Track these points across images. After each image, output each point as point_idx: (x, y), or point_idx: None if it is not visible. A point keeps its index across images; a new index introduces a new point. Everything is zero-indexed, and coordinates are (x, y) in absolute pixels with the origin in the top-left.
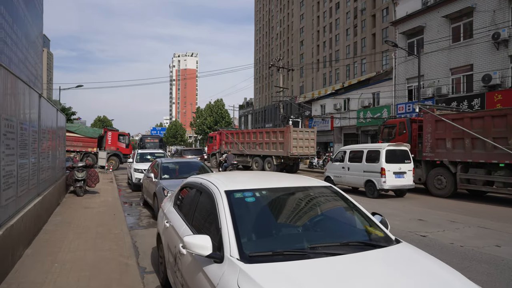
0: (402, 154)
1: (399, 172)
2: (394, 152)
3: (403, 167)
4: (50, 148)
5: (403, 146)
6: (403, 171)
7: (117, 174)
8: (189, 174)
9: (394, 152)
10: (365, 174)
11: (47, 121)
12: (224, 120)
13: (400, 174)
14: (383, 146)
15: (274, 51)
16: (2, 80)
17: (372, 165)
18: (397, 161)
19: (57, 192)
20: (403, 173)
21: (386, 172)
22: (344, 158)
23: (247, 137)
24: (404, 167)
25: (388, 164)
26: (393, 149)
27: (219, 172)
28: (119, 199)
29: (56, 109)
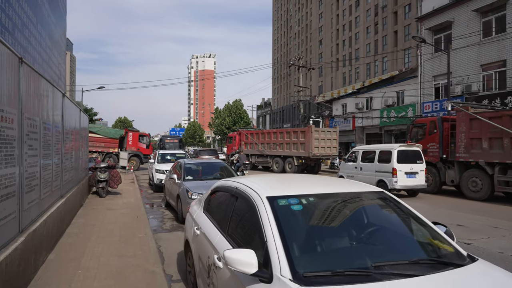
0: (414, 155)
1: (411, 172)
2: (406, 152)
3: (415, 167)
4: (74, 149)
5: (415, 147)
6: (415, 171)
7: (138, 175)
8: (213, 176)
9: (406, 153)
10: (377, 174)
11: (71, 121)
12: (243, 121)
13: (412, 174)
14: (395, 147)
15: (292, 50)
16: (25, 78)
17: (384, 165)
18: (409, 162)
19: (80, 193)
20: (415, 173)
21: (398, 172)
22: (357, 158)
23: (267, 138)
24: (416, 167)
25: (400, 164)
26: (405, 149)
27: (252, 175)
28: (141, 200)
29: (79, 109)
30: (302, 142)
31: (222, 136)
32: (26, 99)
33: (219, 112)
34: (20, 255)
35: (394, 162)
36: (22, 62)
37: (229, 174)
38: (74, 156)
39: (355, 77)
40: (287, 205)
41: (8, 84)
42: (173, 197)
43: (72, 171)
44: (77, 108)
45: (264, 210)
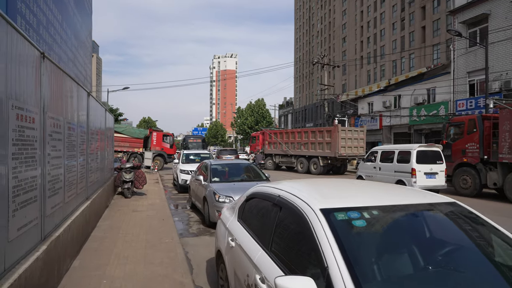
0: (434, 155)
1: (430, 172)
2: (426, 153)
3: (435, 167)
4: (99, 149)
5: (435, 147)
6: (435, 171)
7: (162, 174)
8: (240, 177)
9: (425, 153)
10: (396, 174)
11: (96, 121)
12: (265, 120)
13: (432, 174)
14: (414, 147)
15: (315, 49)
16: (48, 75)
17: (403, 166)
18: (428, 162)
19: (106, 194)
20: (434, 173)
21: (417, 173)
22: (376, 158)
23: (291, 137)
24: (435, 167)
25: (419, 164)
26: (424, 150)
27: (292, 180)
28: (166, 201)
29: (105, 109)
30: (328, 141)
31: (244, 136)
32: (48, 98)
33: (241, 112)
34: (41, 265)
35: (413, 163)
36: (44, 58)
37: (257, 175)
38: (100, 157)
39: (380, 74)
40: (347, 220)
41: (29, 81)
42: (199, 199)
43: (97, 172)
44: (102, 107)
45: (319, 226)
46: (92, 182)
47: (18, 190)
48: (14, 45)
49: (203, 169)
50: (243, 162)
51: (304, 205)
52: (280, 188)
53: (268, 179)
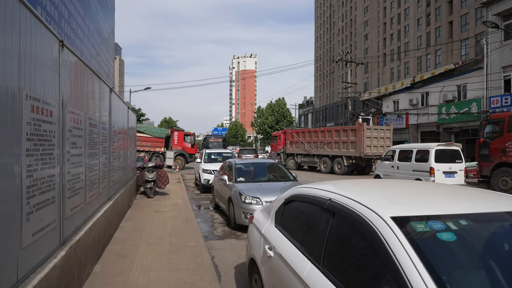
0: (453, 154)
1: (449, 171)
2: (444, 152)
3: (454, 166)
4: (122, 148)
5: (454, 146)
6: (454, 170)
7: (184, 174)
8: (266, 177)
9: (444, 152)
10: (414, 173)
11: (118, 118)
12: (286, 119)
13: (451, 173)
14: (432, 146)
15: (335, 47)
16: (69, 66)
17: (421, 165)
18: (447, 161)
19: (128, 194)
20: (453, 172)
21: (435, 172)
22: (394, 157)
23: (313, 136)
24: (454, 166)
25: (438, 163)
26: (443, 149)
27: (340, 181)
28: (189, 201)
29: (127, 106)
30: (352, 141)
31: (264, 136)
32: (68, 91)
33: (262, 111)
34: (59, 273)
35: (432, 161)
36: (63, 46)
37: (283, 175)
38: (122, 155)
39: (405, 72)
40: (430, 232)
41: (46, 71)
42: (224, 200)
43: (120, 171)
44: (125, 105)
45: (394, 239)
46: (114, 181)
47: (33, 190)
48: (29, 29)
49: (227, 168)
50: (268, 161)
51: (367, 211)
52: (331, 190)
53: (295, 179)
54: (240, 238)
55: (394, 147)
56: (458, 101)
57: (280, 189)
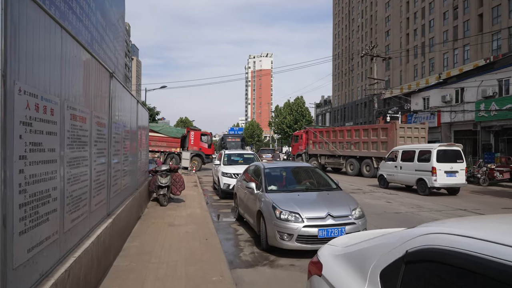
0: (455, 154)
1: (450, 171)
2: (446, 152)
3: (455, 166)
4: (129, 149)
5: (455, 146)
6: (455, 170)
7: (201, 176)
8: (303, 184)
9: (446, 152)
10: (416, 173)
11: (124, 113)
12: (305, 119)
13: (452, 173)
14: (434, 147)
15: (355, 44)
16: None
17: (424, 165)
18: (449, 161)
19: (138, 203)
20: (455, 172)
21: (437, 171)
22: (397, 157)
23: (339, 136)
24: (456, 166)
25: (440, 163)
26: (445, 149)
27: None
28: (208, 210)
29: (136, 100)
30: (383, 140)
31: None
32: (25, 57)
33: (279, 110)
34: None
35: (434, 161)
36: None
37: (324, 182)
38: (130, 158)
39: (429, 69)
40: None
41: None
42: (251, 213)
43: (126, 177)
44: (133, 98)
45: None
46: (117, 191)
47: None
48: None
49: (253, 174)
50: (303, 164)
51: None
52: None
53: (338, 187)
54: (276, 266)
55: (398, 147)
56: (500, 97)
57: (325, 201)
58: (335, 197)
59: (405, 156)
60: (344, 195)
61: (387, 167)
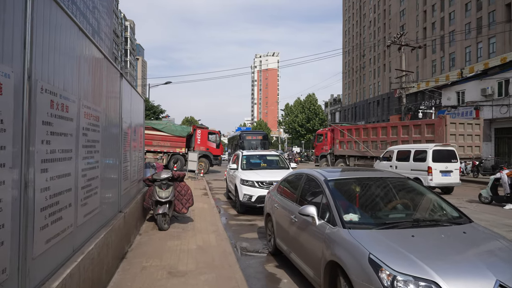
0: (449, 154)
1: (445, 171)
2: (441, 152)
3: (450, 166)
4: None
5: (449, 147)
6: (450, 169)
7: (210, 180)
8: (404, 212)
9: (441, 152)
10: (412, 172)
11: (98, 94)
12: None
13: (447, 172)
14: (430, 147)
15: (366, 40)
16: None
17: (419, 164)
18: (443, 161)
19: (120, 236)
20: (449, 171)
21: (433, 171)
22: (392, 157)
23: (372, 134)
24: (450, 166)
25: (435, 163)
26: (440, 149)
27: None
28: (227, 235)
29: (120, 73)
30: (429, 139)
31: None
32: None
33: (290, 109)
34: None
35: (429, 161)
36: None
37: (434, 207)
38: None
39: (449, 64)
40: None
41: None
42: (307, 257)
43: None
44: (118, 74)
45: None
46: (91, 213)
47: None
48: None
49: (303, 189)
50: (388, 175)
51: None
52: None
53: (465, 216)
54: None
55: (393, 147)
56: None
57: (472, 249)
58: (485, 241)
59: (400, 156)
60: (494, 235)
61: (382, 166)
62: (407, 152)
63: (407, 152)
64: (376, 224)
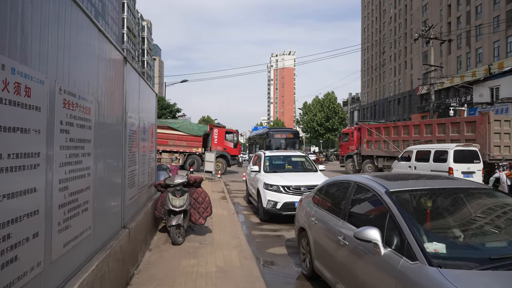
0: (471, 155)
1: (467, 172)
2: (463, 152)
3: (472, 167)
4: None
5: (472, 147)
6: (472, 170)
7: (227, 182)
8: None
9: (462, 152)
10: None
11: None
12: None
13: (469, 173)
14: (451, 147)
15: (387, 36)
16: None
17: (440, 165)
18: (465, 161)
19: (123, 257)
20: (471, 172)
21: (454, 172)
22: (411, 157)
23: (403, 133)
24: (473, 167)
25: (456, 164)
26: (461, 149)
27: None
28: (254, 257)
29: (123, 56)
30: (470, 137)
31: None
32: None
33: (308, 107)
34: None
35: (451, 162)
36: None
37: None
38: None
39: (476, 60)
40: None
41: None
42: None
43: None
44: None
45: None
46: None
47: None
48: None
49: (353, 199)
50: (467, 181)
51: None
52: None
53: None
54: None
55: (412, 147)
56: None
57: None
58: None
59: (419, 156)
60: None
61: (400, 167)
62: (427, 152)
63: (427, 152)
64: (478, 260)
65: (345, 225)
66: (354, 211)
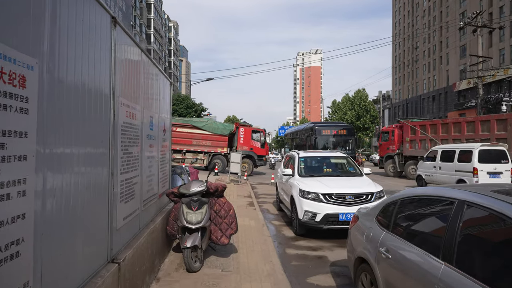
0: (499, 154)
1: (494, 172)
2: (489, 152)
3: (499, 167)
4: (44, 158)
5: (499, 146)
6: (499, 171)
7: (254, 185)
8: None
9: (488, 152)
10: (456, 173)
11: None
12: (369, 114)
13: (496, 174)
14: (476, 146)
15: (420, 31)
16: None
17: (464, 165)
18: (492, 161)
19: None
20: (499, 173)
21: (479, 172)
22: (436, 157)
23: (453, 131)
24: (500, 167)
25: (482, 164)
26: (487, 149)
27: None
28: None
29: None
30: None
31: None
32: None
33: (338, 106)
34: None
35: (475, 162)
36: None
37: None
38: (79, 185)
39: None
40: None
41: None
42: None
43: (64, 242)
44: (107, 15)
45: None
46: None
47: None
48: None
49: (461, 228)
50: None
51: None
52: None
53: None
54: None
55: (437, 147)
56: None
57: None
58: None
59: (444, 156)
60: None
61: (425, 167)
62: (451, 152)
63: (452, 152)
64: None
65: (451, 274)
66: (466, 249)
